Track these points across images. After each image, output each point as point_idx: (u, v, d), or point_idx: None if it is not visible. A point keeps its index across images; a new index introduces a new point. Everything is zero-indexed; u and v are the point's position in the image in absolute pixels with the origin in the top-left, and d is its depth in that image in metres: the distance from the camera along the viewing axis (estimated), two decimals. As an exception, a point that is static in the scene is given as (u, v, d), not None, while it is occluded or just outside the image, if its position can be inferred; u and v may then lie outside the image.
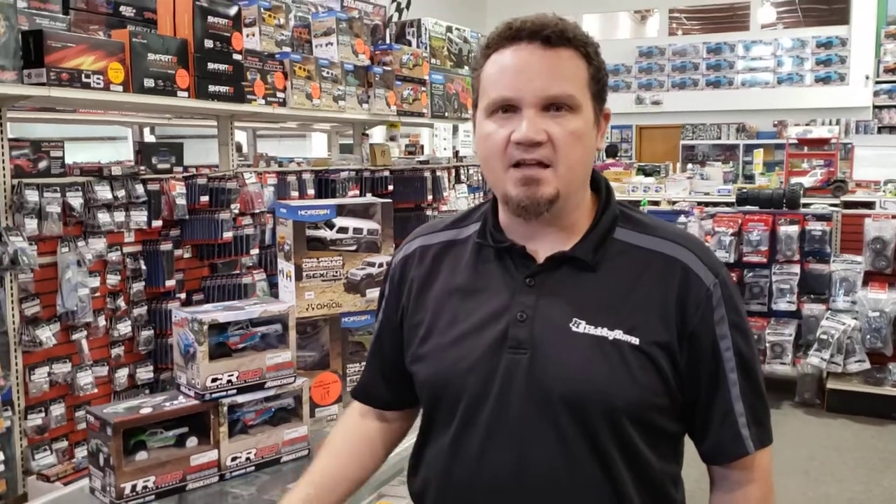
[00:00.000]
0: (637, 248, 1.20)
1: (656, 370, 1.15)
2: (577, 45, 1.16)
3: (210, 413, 1.59)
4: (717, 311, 1.16)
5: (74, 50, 2.88)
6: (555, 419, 1.14)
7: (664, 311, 1.16)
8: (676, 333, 1.15)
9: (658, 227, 1.24)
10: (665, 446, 1.21)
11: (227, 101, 3.53)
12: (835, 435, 5.06)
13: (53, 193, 3.01)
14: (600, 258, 1.19)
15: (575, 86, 1.15)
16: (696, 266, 1.18)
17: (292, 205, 1.88)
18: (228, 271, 3.80)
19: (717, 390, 1.18)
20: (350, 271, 1.94)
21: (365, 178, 4.68)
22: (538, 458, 1.15)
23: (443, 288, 1.27)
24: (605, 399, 1.13)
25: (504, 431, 1.17)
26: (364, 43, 4.50)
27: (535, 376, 1.15)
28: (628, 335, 1.14)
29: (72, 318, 3.10)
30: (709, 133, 14.59)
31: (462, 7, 13.63)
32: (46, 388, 3.02)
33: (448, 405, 1.22)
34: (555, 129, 1.13)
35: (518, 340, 1.17)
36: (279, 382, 1.71)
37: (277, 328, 1.72)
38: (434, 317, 1.26)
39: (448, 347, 1.22)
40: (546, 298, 1.18)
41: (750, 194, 5.99)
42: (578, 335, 1.15)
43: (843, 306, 5.34)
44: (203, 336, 1.57)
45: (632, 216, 1.25)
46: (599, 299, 1.17)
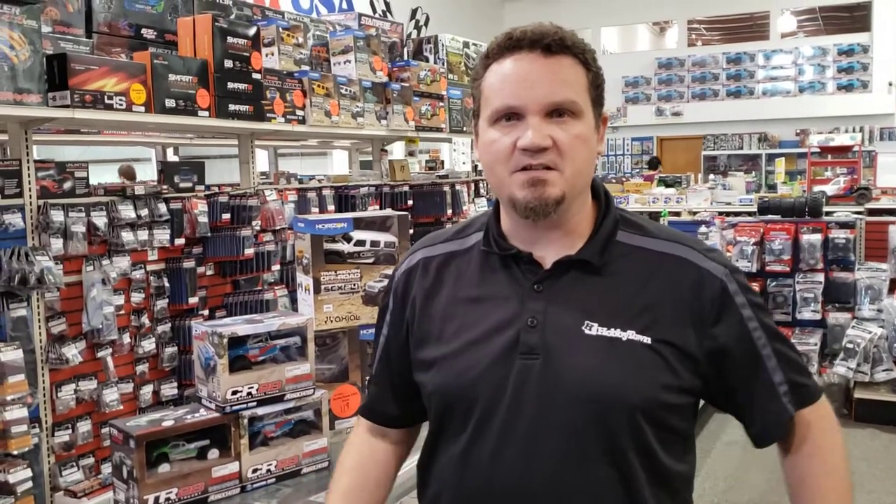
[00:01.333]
0: (642, 249, 1.23)
1: (669, 368, 1.16)
2: (576, 53, 1.18)
3: (231, 425, 1.61)
4: (738, 298, 1.20)
5: (97, 72, 2.94)
6: (571, 422, 1.15)
7: (677, 310, 1.18)
8: (694, 331, 1.17)
9: (657, 230, 1.27)
10: (676, 444, 1.21)
11: (247, 120, 3.58)
12: (863, 445, 4.99)
13: (78, 213, 3.07)
14: (606, 261, 1.21)
15: (576, 91, 1.17)
16: (704, 263, 1.21)
17: (310, 219, 1.91)
18: (251, 288, 3.84)
19: (758, 370, 1.20)
20: (368, 284, 1.96)
21: (385, 194, 4.72)
22: (551, 462, 1.15)
23: (449, 298, 1.27)
24: (624, 398, 1.14)
25: (517, 437, 1.17)
26: (382, 60, 4.55)
27: (548, 380, 1.16)
28: (641, 335, 1.16)
29: (97, 335, 3.14)
30: (730, 143, 14.52)
31: (480, 23, 13.70)
32: (73, 405, 3.06)
33: (459, 413, 1.22)
34: (560, 135, 1.15)
35: (529, 346, 1.17)
36: (298, 394, 1.73)
37: (296, 341, 1.75)
38: (441, 327, 1.26)
39: (457, 356, 1.22)
40: (555, 303, 1.19)
41: (771, 203, 5.95)
42: (592, 337, 1.16)
43: (868, 314, 5.28)
44: (223, 349, 1.59)
45: (631, 220, 1.27)
46: (609, 301, 1.18)
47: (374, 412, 1.41)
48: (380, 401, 1.41)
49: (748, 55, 14.59)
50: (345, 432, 1.96)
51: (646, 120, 15.20)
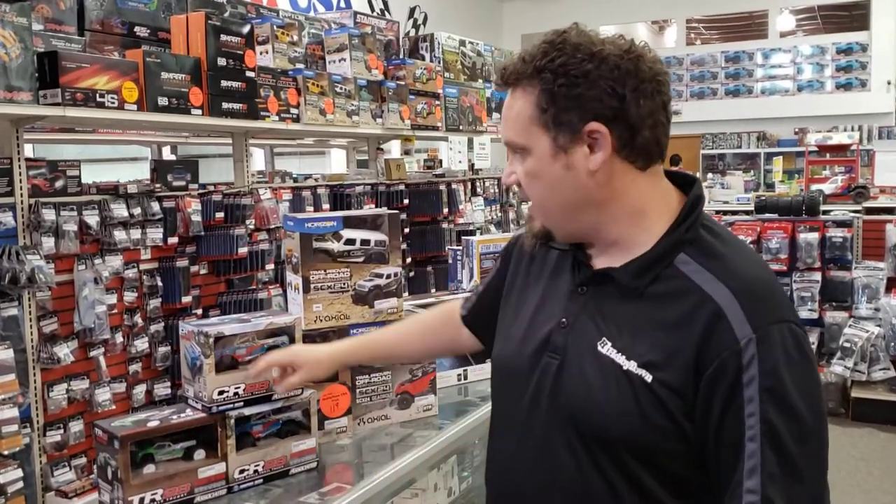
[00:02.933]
0: (689, 280, 1.12)
1: (667, 413, 1.08)
2: (529, 77, 1.15)
3: (217, 426, 1.59)
4: (748, 370, 1.04)
5: (89, 70, 2.92)
6: (565, 431, 1.17)
7: (683, 355, 1.08)
8: (693, 380, 1.07)
9: (723, 257, 1.14)
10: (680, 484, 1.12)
11: (240, 118, 3.56)
12: (860, 444, 4.98)
13: (70, 212, 3.05)
14: (645, 284, 1.14)
15: (517, 128, 1.17)
16: (732, 313, 1.06)
17: (299, 217, 1.89)
18: (245, 287, 3.82)
19: (732, 456, 1.05)
20: (358, 283, 1.95)
21: (380, 193, 4.70)
22: (557, 465, 1.18)
23: (531, 275, 1.34)
24: (601, 427, 1.12)
25: (534, 426, 1.22)
26: (377, 58, 4.53)
27: (557, 385, 1.19)
28: (642, 369, 1.10)
29: (89, 335, 3.13)
30: (729, 142, 14.50)
31: (478, 22, 13.67)
32: (65, 405, 3.05)
33: (504, 386, 1.30)
34: (518, 171, 1.19)
35: (556, 345, 1.20)
36: (286, 394, 1.71)
37: (284, 340, 1.73)
38: (516, 301, 1.35)
39: (514, 335, 1.29)
40: (589, 310, 1.19)
41: (769, 202, 5.94)
42: (601, 355, 1.14)
43: (865, 313, 5.27)
44: (209, 349, 1.58)
45: (706, 243, 1.15)
46: (629, 325, 1.14)
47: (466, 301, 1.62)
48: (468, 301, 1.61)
49: (747, 54, 14.57)
50: (335, 432, 1.94)
51: (644, 119, 15.14)
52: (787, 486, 1.04)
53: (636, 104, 1.12)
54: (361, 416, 1.99)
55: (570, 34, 1.18)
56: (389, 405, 2.01)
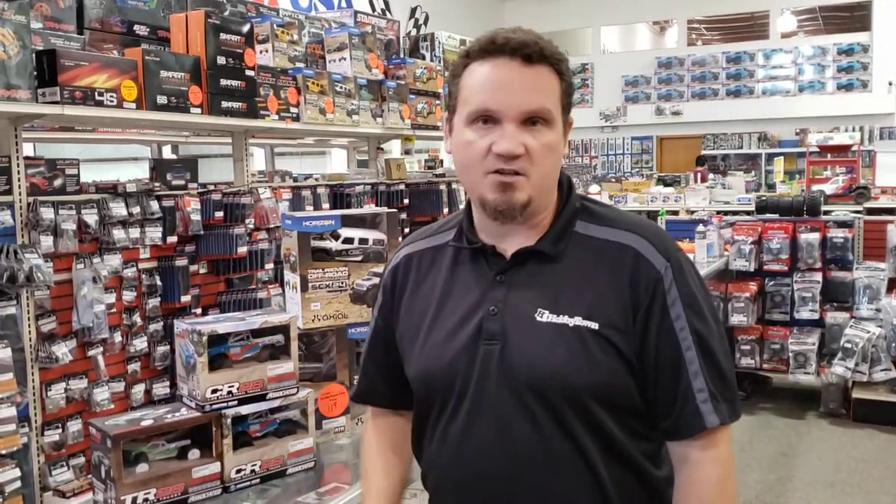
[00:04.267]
0: (594, 238, 1.29)
1: (616, 351, 1.23)
2: (552, 63, 1.25)
3: (213, 425, 1.58)
4: (670, 292, 1.24)
5: (88, 68, 2.91)
6: (525, 403, 1.23)
7: (618, 296, 1.24)
8: (632, 316, 1.23)
9: (616, 218, 1.33)
10: (637, 424, 1.27)
11: (240, 117, 3.55)
12: (861, 445, 4.97)
13: (69, 211, 3.04)
14: (561, 251, 1.28)
15: (551, 101, 1.24)
16: (647, 251, 1.26)
17: (297, 215, 1.88)
18: (244, 286, 3.81)
19: (676, 369, 1.23)
20: (356, 282, 1.94)
21: (380, 192, 4.69)
22: (515, 439, 1.24)
23: (427, 292, 1.37)
24: (566, 382, 1.22)
25: (484, 416, 1.26)
26: (377, 57, 4.52)
27: (506, 365, 1.25)
28: (587, 321, 1.23)
29: (88, 334, 3.12)
30: (730, 142, 14.49)
31: (480, 21, 13.68)
32: (63, 405, 3.03)
33: (437, 396, 1.32)
34: (531, 143, 1.22)
35: (491, 333, 1.27)
36: (282, 393, 1.70)
37: (279, 339, 1.72)
38: (420, 319, 1.36)
39: (434, 345, 1.32)
40: (515, 292, 1.28)
41: (770, 202, 5.93)
42: (542, 324, 1.24)
43: (867, 314, 5.25)
44: (202, 347, 1.57)
45: (592, 209, 1.34)
46: (561, 289, 1.26)
47: (366, 396, 1.53)
48: (370, 385, 1.51)
49: (748, 54, 14.56)
50: (332, 432, 1.93)
51: (645, 119, 15.16)
52: (718, 380, 1.24)
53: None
54: (359, 415, 1.98)
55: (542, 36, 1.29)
56: (387, 405, 2.00)
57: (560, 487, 1.24)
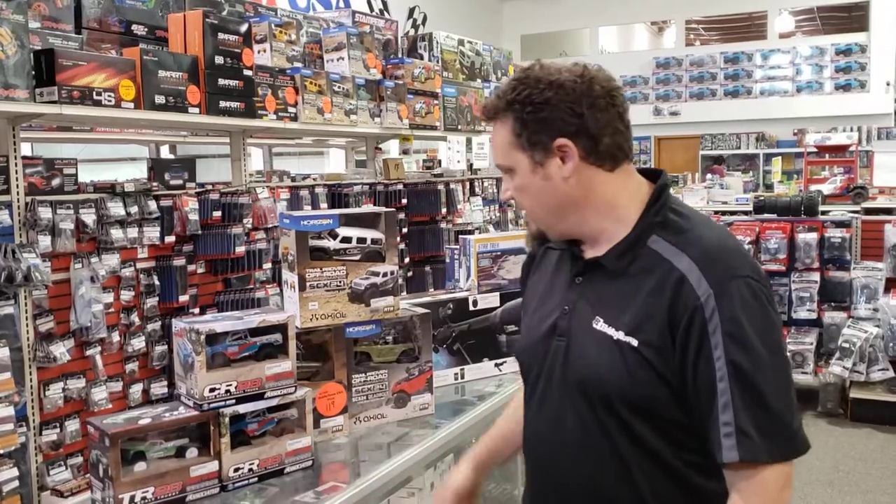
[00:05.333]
0: (659, 256, 1.33)
1: (653, 368, 1.28)
2: (504, 110, 1.36)
3: (210, 424, 1.58)
4: (712, 321, 1.24)
5: (86, 68, 2.91)
6: (574, 399, 1.36)
7: (657, 318, 1.28)
8: (671, 339, 1.27)
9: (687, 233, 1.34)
10: (681, 435, 1.30)
11: (238, 117, 3.55)
12: (859, 445, 4.97)
13: (67, 210, 3.04)
14: (624, 266, 1.35)
15: (502, 152, 1.39)
16: (693, 277, 1.27)
17: (295, 215, 1.88)
18: (242, 286, 3.81)
19: (709, 398, 1.24)
20: (354, 281, 1.94)
21: (378, 192, 4.69)
22: (566, 429, 1.38)
23: (538, 281, 1.55)
24: (602, 388, 1.32)
25: (549, 403, 1.42)
26: (375, 57, 4.52)
27: (566, 361, 1.38)
28: (629, 337, 1.30)
29: (86, 333, 3.12)
30: (728, 143, 14.49)
31: (478, 22, 13.67)
32: (61, 404, 3.03)
33: (526, 377, 1.50)
34: (511, 188, 1.41)
35: (562, 330, 1.40)
36: (279, 392, 1.70)
37: (277, 338, 1.72)
38: (529, 303, 1.55)
39: (529, 329, 1.50)
40: (585, 296, 1.40)
41: (767, 202, 5.93)
42: (596, 331, 1.34)
43: (864, 314, 5.26)
44: (200, 346, 1.57)
45: (671, 222, 1.36)
46: (615, 302, 1.34)
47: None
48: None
49: (746, 55, 14.55)
50: (330, 431, 1.93)
51: (643, 119, 15.13)
52: (755, 415, 1.22)
53: (594, 118, 1.32)
54: (357, 414, 1.98)
55: (534, 69, 1.36)
56: (386, 404, 2.00)
57: (600, 481, 1.34)
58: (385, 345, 2.02)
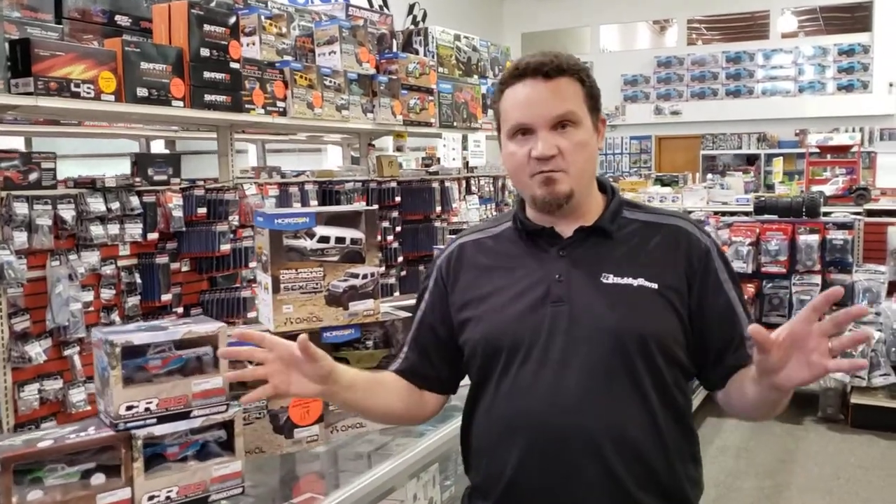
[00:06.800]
0: (644, 222, 1.54)
1: (673, 309, 1.46)
2: (571, 73, 1.47)
3: (122, 446, 1.45)
4: (716, 261, 1.52)
5: (63, 59, 2.81)
6: (595, 351, 1.42)
7: (675, 265, 1.49)
8: (686, 281, 1.48)
9: (655, 208, 1.63)
10: (680, 378, 1.50)
11: (224, 111, 3.45)
12: (860, 452, 4.87)
13: (44, 206, 2.95)
14: (616, 228, 1.52)
15: (574, 103, 1.46)
16: (693, 231, 1.54)
17: (269, 212, 1.78)
18: (228, 285, 3.72)
19: (731, 319, 1.49)
20: (332, 283, 1.84)
21: (371, 190, 4.59)
22: (579, 381, 1.41)
23: (487, 267, 1.56)
24: (638, 329, 1.43)
25: (550, 364, 1.43)
26: (369, 51, 4.42)
27: (575, 319, 1.44)
28: (649, 282, 1.46)
29: (63, 333, 3.03)
30: (729, 143, 14.39)
31: (478, 20, 13.57)
32: (36, 406, 2.94)
33: (504, 355, 1.47)
34: (563, 143, 1.44)
35: (558, 296, 1.46)
36: (207, 411, 1.56)
37: (207, 351, 1.57)
38: (482, 290, 1.53)
39: (499, 309, 1.49)
40: (576, 264, 1.49)
41: (768, 203, 5.82)
42: (608, 285, 1.46)
43: (866, 318, 5.15)
44: (115, 359, 1.45)
45: (635, 203, 1.61)
46: (622, 257, 1.48)
47: (409, 373, 1.61)
48: (416, 364, 1.61)
49: (748, 54, 14.46)
50: (304, 441, 1.83)
51: (644, 119, 15.06)
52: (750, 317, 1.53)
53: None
54: (335, 423, 1.88)
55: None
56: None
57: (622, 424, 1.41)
58: (365, 350, 1.92)
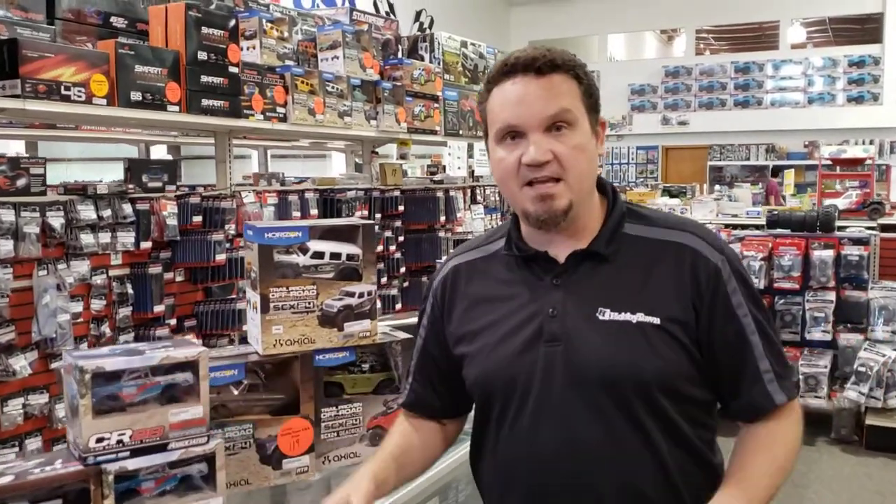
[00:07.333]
0: (646, 239, 1.35)
1: (678, 344, 1.29)
2: (566, 69, 1.31)
3: (91, 482, 1.33)
4: (729, 283, 1.32)
5: (53, 60, 2.70)
6: (593, 398, 1.29)
7: (679, 292, 1.30)
8: (693, 310, 1.30)
9: (661, 219, 1.41)
10: (697, 413, 1.34)
11: (221, 116, 3.33)
12: (876, 476, 4.71)
13: (32, 213, 2.83)
14: (614, 251, 1.34)
15: (569, 101, 1.30)
16: (702, 248, 1.33)
17: (259, 225, 1.66)
18: (224, 296, 3.59)
19: (743, 353, 1.31)
20: (325, 302, 1.71)
21: (374, 198, 4.47)
22: (581, 433, 1.29)
23: (479, 299, 1.43)
24: (635, 374, 1.28)
25: (549, 412, 1.31)
26: (373, 57, 4.30)
27: (571, 363, 1.30)
28: (649, 316, 1.29)
29: (50, 345, 2.90)
30: (737, 154, 14.27)
31: (485, 27, 13.48)
32: (20, 421, 2.82)
33: (499, 398, 1.37)
34: (559, 147, 1.28)
35: (552, 334, 1.32)
36: (186, 443, 1.44)
37: (187, 377, 1.45)
38: (475, 325, 1.41)
39: (492, 349, 1.37)
40: (572, 294, 1.33)
41: (781, 216, 5.68)
42: (605, 322, 1.30)
43: (882, 336, 5.01)
44: (85, 387, 1.33)
45: (637, 212, 1.41)
46: (619, 288, 1.32)
47: (418, 406, 1.55)
48: (422, 395, 1.54)
49: (757, 65, 14.36)
50: (294, 472, 1.70)
51: (651, 128, 14.95)
52: (779, 360, 1.34)
53: None
54: (326, 453, 1.75)
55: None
56: (360, 441, 1.77)
57: (634, 476, 1.29)
58: (361, 374, 1.79)
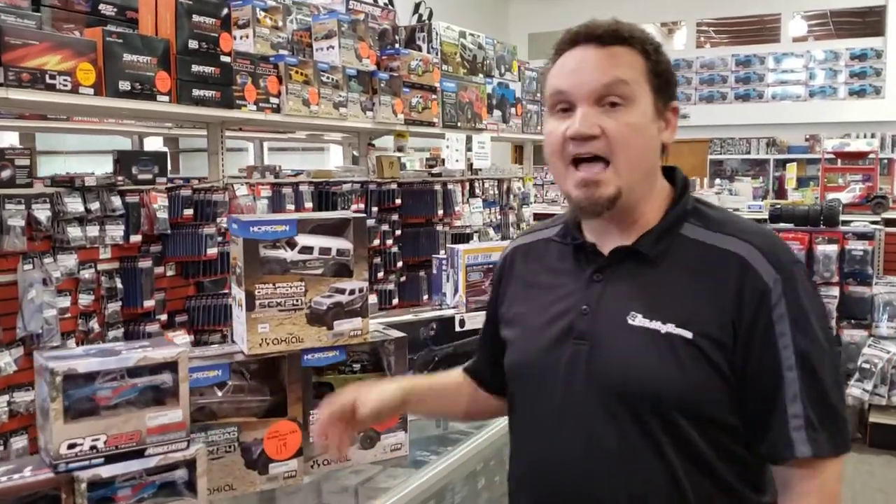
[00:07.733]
0: (702, 244, 1.23)
1: (709, 363, 1.16)
2: (632, 43, 1.23)
3: (62, 491, 1.26)
4: (778, 307, 1.16)
5: (37, 48, 2.62)
6: (610, 407, 1.21)
7: (719, 307, 1.17)
8: (732, 328, 1.17)
9: (729, 222, 1.26)
10: (728, 441, 1.20)
11: (213, 107, 3.25)
12: (879, 474, 4.65)
13: (17, 205, 2.76)
14: (661, 253, 1.23)
15: (627, 74, 1.20)
16: (756, 262, 1.18)
17: (244, 219, 1.58)
18: (216, 290, 3.51)
19: (773, 390, 1.17)
20: (314, 299, 1.63)
21: (371, 191, 4.39)
22: (599, 438, 1.22)
23: (529, 283, 1.39)
24: (652, 391, 1.17)
25: (570, 415, 1.25)
26: (369, 47, 4.21)
27: (593, 366, 1.23)
28: (681, 329, 1.17)
29: (36, 341, 2.83)
30: (738, 147, 14.18)
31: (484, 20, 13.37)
32: (5, 419, 2.76)
33: (526, 390, 1.33)
34: (609, 123, 1.18)
35: (581, 332, 1.25)
36: (165, 448, 1.36)
37: (166, 380, 1.38)
38: (519, 309, 1.38)
39: (529, 336, 1.33)
40: (609, 292, 1.25)
41: (784, 210, 5.60)
42: (634, 328, 1.21)
43: (886, 333, 4.95)
44: (56, 390, 1.26)
45: (705, 213, 1.28)
46: (657, 293, 1.21)
47: (473, 372, 1.57)
48: (478, 364, 1.56)
49: (758, 58, 14.24)
50: (281, 478, 1.63)
51: (652, 122, 14.84)
52: (820, 407, 1.15)
53: None
54: (314, 457, 1.67)
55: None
56: (350, 445, 1.69)
57: (641, 494, 1.20)
58: (351, 374, 1.72)
